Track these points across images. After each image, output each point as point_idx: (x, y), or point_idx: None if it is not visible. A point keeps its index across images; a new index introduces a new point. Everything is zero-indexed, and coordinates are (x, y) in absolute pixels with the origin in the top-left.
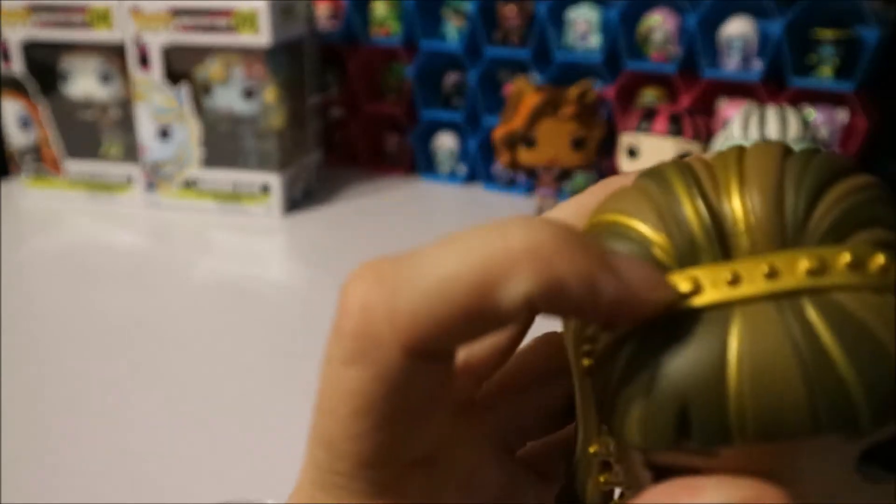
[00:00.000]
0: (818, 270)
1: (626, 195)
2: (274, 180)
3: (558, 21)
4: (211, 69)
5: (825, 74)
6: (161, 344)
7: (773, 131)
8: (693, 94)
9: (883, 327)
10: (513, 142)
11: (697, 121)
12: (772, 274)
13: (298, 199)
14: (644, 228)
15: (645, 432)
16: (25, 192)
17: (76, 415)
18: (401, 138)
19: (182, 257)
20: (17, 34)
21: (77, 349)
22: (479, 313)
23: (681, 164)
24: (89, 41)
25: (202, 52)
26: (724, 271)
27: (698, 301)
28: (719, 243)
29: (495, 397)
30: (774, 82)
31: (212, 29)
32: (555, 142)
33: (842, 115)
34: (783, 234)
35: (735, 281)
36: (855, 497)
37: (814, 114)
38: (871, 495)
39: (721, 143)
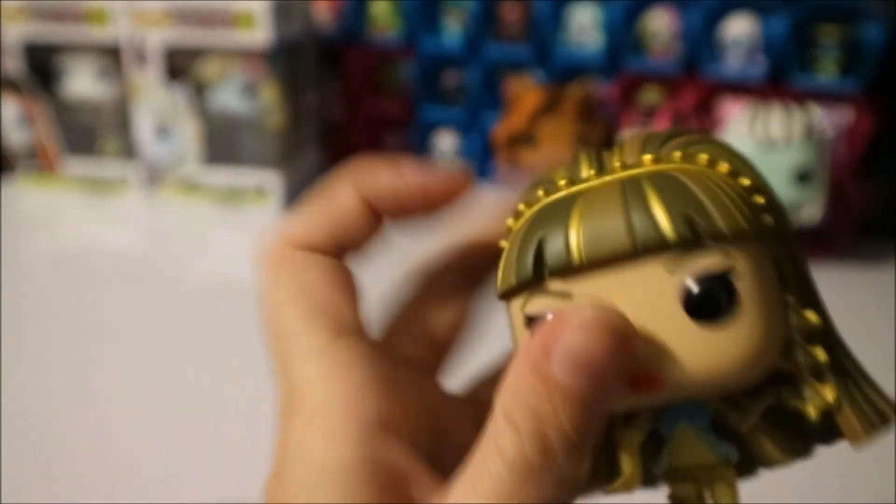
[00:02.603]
0: (658, 160)
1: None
2: (273, 180)
3: (559, 19)
4: (209, 68)
5: (829, 73)
6: (158, 344)
7: (777, 129)
8: (694, 92)
9: (695, 183)
10: (514, 141)
11: (699, 119)
12: (623, 166)
13: (297, 199)
14: (554, 173)
15: (517, 270)
16: (22, 191)
17: (74, 415)
18: (400, 137)
19: (180, 257)
20: (14, 33)
21: (74, 349)
22: (332, 212)
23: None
24: (87, 40)
25: (201, 52)
26: (593, 171)
27: (568, 191)
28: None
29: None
30: (777, 81)
31: (210, 28)
32: (556, 141)
33: (846, 115)
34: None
35: (599, 172)
36: (690, 341)
37: (819, 112)
38: (703, 341)
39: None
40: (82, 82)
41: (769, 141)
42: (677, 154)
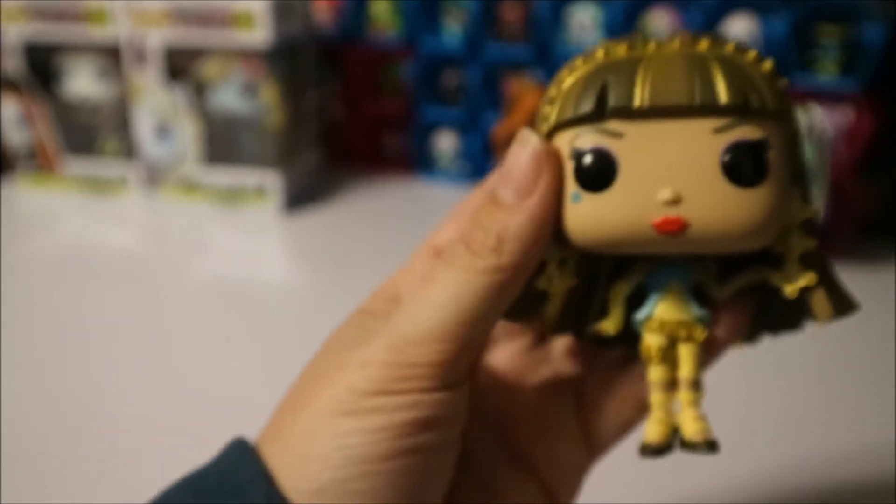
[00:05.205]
0: (714, 46)
1: None
2: (273, 180)
3: (559, 19)
4: (209, 68)
5: (829, 73)
6: (158, 343)
7: None
8: None
9: (751, 68)
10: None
11: None
12: (683, 45)
13: (297, 199)
14: (612, 44)
15: (577, 105)
16: (22, 191)
17: (74, 415)
18: (400, 138)
19: (180, 257)
20: (14, 33)
21: (74, 349)
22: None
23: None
24: (87, 40)
25: (201, 52)
26: (653, 46)
27: (630, 55)
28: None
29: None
30: None
31: (210, 28)
32: None
33: (846, 115)
34: None
35: (658, 48)
36: (720, 196)
37: (819, 112)
38: (731, 198)
39: None
40: (82, 82)
41: None
42: (731, 46)
